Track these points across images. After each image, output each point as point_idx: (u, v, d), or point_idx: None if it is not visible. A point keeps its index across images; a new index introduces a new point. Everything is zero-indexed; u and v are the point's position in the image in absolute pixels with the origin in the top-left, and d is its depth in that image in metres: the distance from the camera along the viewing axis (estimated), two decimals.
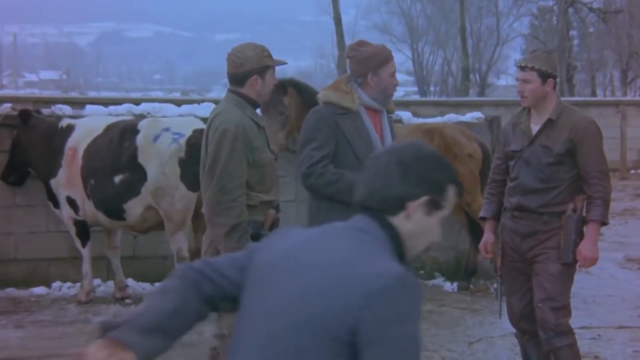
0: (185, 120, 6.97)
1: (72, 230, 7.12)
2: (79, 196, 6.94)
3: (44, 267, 7.59)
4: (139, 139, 6.69)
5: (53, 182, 7.06)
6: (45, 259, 7.60)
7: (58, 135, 7.11)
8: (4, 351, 5.80)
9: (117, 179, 6.73)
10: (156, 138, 6.66)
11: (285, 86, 6.96)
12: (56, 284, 7.51)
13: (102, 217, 6.89)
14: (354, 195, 4.09)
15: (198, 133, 6.65)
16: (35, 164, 7.22)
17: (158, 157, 6.60)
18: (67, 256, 7.55)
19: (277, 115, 6.89)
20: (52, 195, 7.14)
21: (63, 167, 7.01)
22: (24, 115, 7.24)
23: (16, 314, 6.76)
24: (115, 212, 6.80)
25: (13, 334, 6.23)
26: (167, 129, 6.71)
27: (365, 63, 4.30)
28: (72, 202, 7.00)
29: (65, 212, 7.07)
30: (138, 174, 6.66)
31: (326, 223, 4.19)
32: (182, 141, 6.62)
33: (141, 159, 6.66)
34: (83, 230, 7.11)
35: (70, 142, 7.03)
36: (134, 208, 6.72)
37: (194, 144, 6.58)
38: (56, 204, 7.15)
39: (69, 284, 7.54)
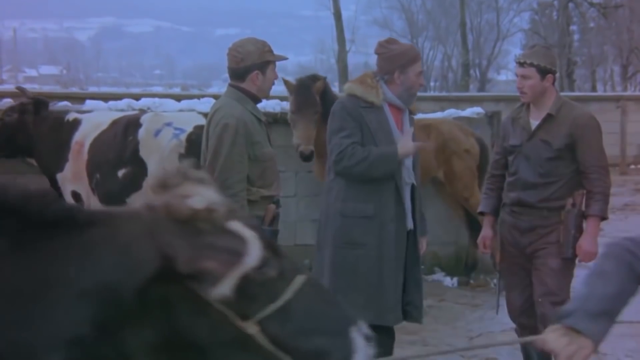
0: (188, 116, 6.96)
1: None
2: (84, 191, 6.93)
3: None
4: (141, 133, 6.69)
5: (59, 177, 7.05)
6: None
7: (65, 128, 7.09)
8: None
9: (121, 173, 6.73)
10: (157, 133, 6.65)
11: (316, 80, 6.87)
12: None
13: None
14: (387, 166, 4.17)
15: (199, 129, 6.65)
16: (41, 157, 7.19)
17: (159, 152, 6.59)
18: None
19: (313, 114, 6.76)
20: (56, 189, 7.13)
21: (69, 161, 7.00)
22: (39, 105, 7.17)
23: None
24: (118, 206, 6.78)
25: None
26: (169, 124, 6.70)
27: (394, 61, 4.31)
28: (77, 197, 7.00)
29: None
30: (140, 168, 6.66)
31: (341, 214, 4.22)
32: (183, 137, 6.61)
33: (142, 153, 6.65)
34: None
35: (77, 136, 7.01)
36: (136, 203, 6.69)
37: (194, 140, 6.58)
38: (60, 195, 7.14)
39: None
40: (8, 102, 7.65)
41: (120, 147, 6.75)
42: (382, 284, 4.26)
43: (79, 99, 8.24)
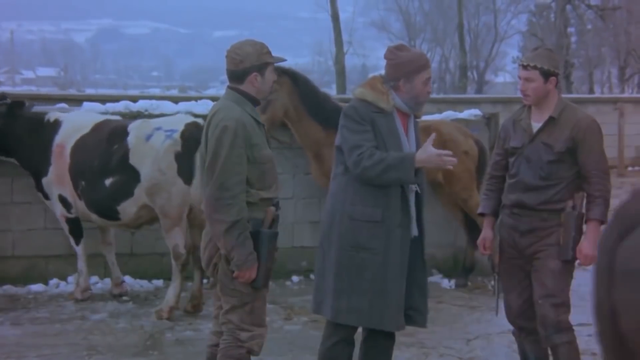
0: (175, 118, 6.97)
1: (65, 227, 7.09)
2: (70, 194, 6.91)
3: (41, 264, 7.58)
4: (131, 140, 6.66)
5: (45, 181, 7.02)
6: (42, 256, 7.59)
7: (45, 130, 7.05)
8: (1, 348, 5.79)
9: (108, 181, 6.71)
10: (149, 137, 6.65)
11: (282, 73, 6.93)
12: (53, 281, 7.50)
13: (94, 216, 6.89)
14: (403, 170, 4.12)
15: (191, 126, 6.69)
16: (23, 159, 7.13)
17: (152, 154, 6.58)
18: (64, 253, 7.53)
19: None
20: (42, 192, 7.11)
21: (52, 164, 6.97)
22: (12, 107, 7.09)
23: (13, 311, 6.75)
24: (109, 213, 6.79)
25: (10, 332, 6.22)
26: (158, 128, 6.70)
27: (400, 68, 4.28)
28: (63, 200, 6.97)
29: (58, 210, 7.04)
30: (130, 176, 6.64)
31: (350, 217, 4.21)
32: (177, 136, 6.61)
33: (133, 160, 6.63)
34: (76, 227, 7.08)
35: (58, 138, 6.98)
36: (128, 209, 6.72)
37: (188, 137, 6.61)
38: (46, 196, 7.13)
39: (66, 281, 7.52)
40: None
41: (106, 156, 6.72)
42: (386, 290, 4.25)
43: (77, 100, 8.22)
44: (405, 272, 4.31)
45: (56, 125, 7.05)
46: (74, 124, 7.02)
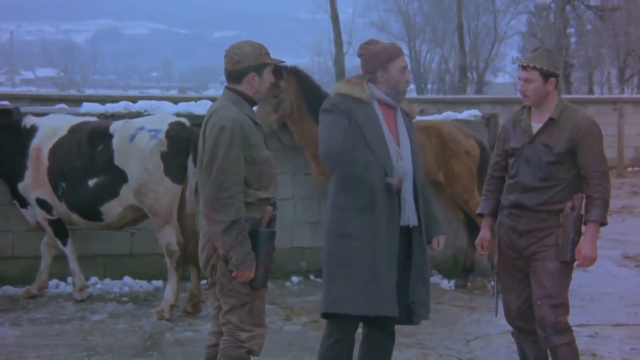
0: (158, 117, 6.98)
1: (49, 231, 7.07)
2: (48, 196, 6.90)
3: (41, 264, 7.56)
4: (115, 141, 6.67)
5: (21, 186, 6.99)
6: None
7: (23, 135, 7.01)
8: (1, 349, 5.79)
9: (92, 182, 6.71)
10: (132, 138, 6.65)
11: (281, 70, 6.98)
12: (53, 282, 7.49)
13: (76, 217, 6.88)
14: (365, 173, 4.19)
15: (175, 125, 6.71)
16: (2, 166, 7.09)
17: (138, 155, 6.58)
18: (63, 254, 7.53)
19: (270, 97, 6.94)
20: (18, 198, 7.09)
21: (29, 168, 6.95)
22: (3, 115, 7.04)
23: (13, 312, 6.75)
24: (92, 213, 6.80)
25: (10, 332, 6.22)
26: (141, 128, 6.70)
27: (374, 60, 4.35)
28: (43, 203, 6.94)
29: (38, 214, 7.01)
30: (115, 176, 6.65)
31: (334, 206, 4.25)
32: (162, 135, 6.62)
33: (118, 161, 6.64)
34: (60, 229, 7.06)
35: (34, 142, 6.95)
36: (113, 209, 6.74)
37: (173, 136, 6.62)
38: (22, 203, 7.11)
39: (65, 282, 7.52)
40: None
41: (88, 157, 6.72)
42: (376, 276, 4.25)
43: (76, 101, 8.23)
44: (395, 259, 4.30)
45: (32, 130, 7.03)
46: (50, 127, 7.00)
